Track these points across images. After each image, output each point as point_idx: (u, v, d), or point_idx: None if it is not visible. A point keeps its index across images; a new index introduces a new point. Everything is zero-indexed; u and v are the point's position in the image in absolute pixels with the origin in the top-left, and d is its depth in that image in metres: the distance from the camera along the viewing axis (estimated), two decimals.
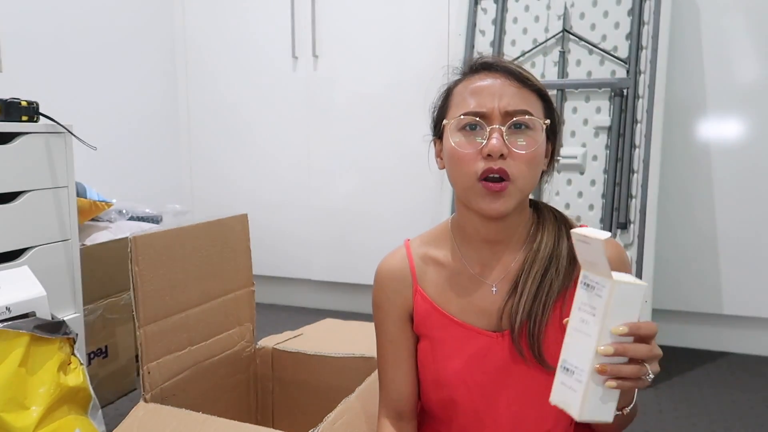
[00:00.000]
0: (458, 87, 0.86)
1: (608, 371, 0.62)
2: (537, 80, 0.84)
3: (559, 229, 0.87)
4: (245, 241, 1.38)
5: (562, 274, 0.83)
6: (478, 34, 2.23)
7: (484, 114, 0.80)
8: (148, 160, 2.78)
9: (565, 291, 0.83)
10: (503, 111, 0.80)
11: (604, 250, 0.61)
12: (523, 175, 0.80)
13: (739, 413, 1.76)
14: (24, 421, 1.01)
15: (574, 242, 0.65)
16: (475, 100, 0.81)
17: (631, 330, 0.62)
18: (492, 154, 0.78)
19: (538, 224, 0.88)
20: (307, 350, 1.37)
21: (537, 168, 0.83)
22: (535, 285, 0.83)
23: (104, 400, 1.77)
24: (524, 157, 0.79)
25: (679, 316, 2.27)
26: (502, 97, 0.80)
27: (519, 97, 0.81)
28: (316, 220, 2.73)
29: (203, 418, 1.05)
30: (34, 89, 1.77)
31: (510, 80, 0.81)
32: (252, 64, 2.77)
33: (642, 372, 0.64)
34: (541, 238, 0.86)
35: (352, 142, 2.63)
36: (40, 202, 1.43)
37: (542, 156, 0.83)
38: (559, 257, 0.84)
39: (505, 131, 0.79)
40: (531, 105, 0.82)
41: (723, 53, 2.11)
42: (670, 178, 2.18)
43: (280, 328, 1.61)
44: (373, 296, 0.94)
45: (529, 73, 0.84)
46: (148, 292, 1.15)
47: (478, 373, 0.85)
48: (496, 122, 0.80)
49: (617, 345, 0.62)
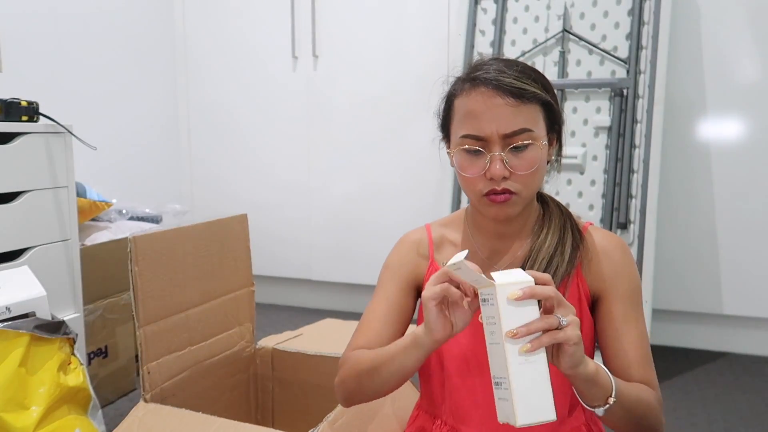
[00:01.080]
0: (458, 100, 0.86)
1: (519, 333, 0.66)
2: (535, 87, 0.83)
3: (564, 222, 0.91)
4: (245, 241, 1.38)
5: (566, 261, 0.87)
6: (478, 34, 2.23)
7: (483, 138, 0.82)
8: (148, 160, 2.78)
9: (567, 278, 0.87)
10: (501, 134, 0.81)
11: (469, 265, 0.68)
12: (527, 188, 0.84)
13: (739, 413, 1.76)
14: (24, 421, 1.01)
15: (454, 273, 0.71)
16: (473, 123, 0.83)
17: (528, 327, 0.67)
18: (494, 178, 0.82)
19: (544, 216, 0.92)
20: (307, 350, 1.38)
21: (540, 176, 0.86)
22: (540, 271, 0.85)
23: (104, 400, 1.77)
24: (526, 176, 0.83)
25: (679, 316, 2.27)
26: (499, 120, 0.81)
27: (516, 116, 0.81)
28: (316, 220, 2.73)
29: (203, 418, 1.05)
30: (34, 89, 1.77)
31: (505, 98, 0.81)
32: (252, 64, 2.77)
33: (551, 323, 0.67)
34: (547, 230, 0.90)
35: (352, 141, 2.63)
36: (40, 202, 1.43)
37: (544, 165, 0.86)
38: (564, 247, 0.88)
39: (506, 155, 0.82)
40: (530, 120, 0.82)
41: (723, 53, 2.11)
42: (670, 178, 2.18)
43: (280, 328, 1.61)
44: (388, 259, 0.98)
45: (527, 81, 0.83)
46: (148, 292, 1.15)
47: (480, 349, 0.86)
48: (496, 148, 0.82)
49: (522, 328, 0.66)
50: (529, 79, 0.83)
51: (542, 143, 0.84)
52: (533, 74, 0.85)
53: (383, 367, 0.83)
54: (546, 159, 0.87)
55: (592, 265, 0.89)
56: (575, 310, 0.71)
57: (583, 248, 0.89)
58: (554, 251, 0.87)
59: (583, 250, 0.89)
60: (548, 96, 0.85)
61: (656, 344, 2.27)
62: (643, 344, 0.86)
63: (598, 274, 0.89)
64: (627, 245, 0.94)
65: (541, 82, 0.85)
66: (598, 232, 0.92)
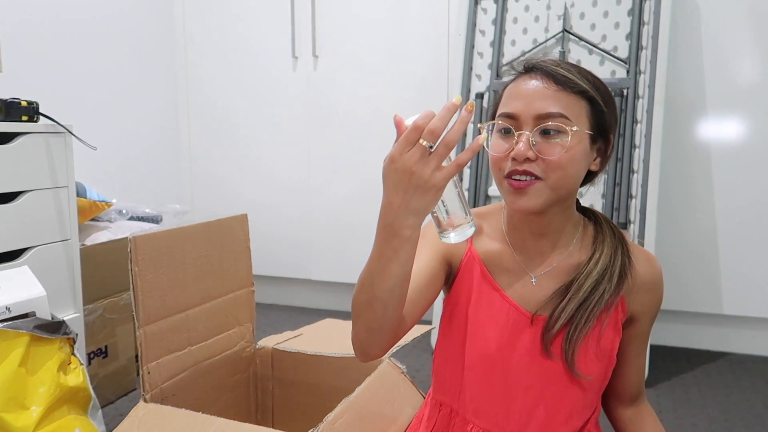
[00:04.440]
0: (507, 88, 0.86)
1: None
2: (582, 81, 0.82)
3: (616, 247, 0.88)
4: (245, 242, 1.38)
5: (612, 288, 0.85)
6: (478, 34, 2.23)
7: (515, 117, 0.81)
8: (148, 160, 2.78)
9: (608, 307, 0.86)
10: (534, 115, 0.80)
11: None
12: (553, 176, 0.80)
13: (739, 413, 1.76)
14: (24, 421, 1.01)
15: None
16: (511, 103, 0.82)
17: None
18: (516, 158, 0.79)
19: (597, 238, 0.89)
20: (307, 350, 1.38)
21: (571, 169, 0.81)
22: (585, 294, 0.84)
23: (104, 400, 1.77)
24: (552, 162, 0.79)
25: (680, 316, 2.27)
26: (534, 100, 0.80)
27: (553, 101, 0.80)
28: (316, 220, 2.73)
29: (203, 418, 1.05)
30: (34, 89, 1.77)
31: (548, 83, 0.81)
32: (252, 64, 2.77)
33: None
34: (600, 254, 0.87)
35: (352, 141, 2.63)
36: (40, 202, 1.43)
37: (578, 159, 0.82)
38: (613, 273, 0.86)
39: (534, 136, 0.80)
40: (569, 108, 0.80)
41: (723, 53, 2.11)
42: (670, 178, 2.18)
43: (280, 328, 1.61)
44: (424, 229, 0.89)
45: (576, 73, 0.82)
46: (148, 292, 1.14)
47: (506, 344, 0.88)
48: (526, 127, 0.80)
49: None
50: (580, 75, 0.82)
51: (580, 136, 0.81)
52: (590, 76, 0.83)
53: (382, 286, 0.72)
54: (584, 158, 0.82)
55: (634, 291, 0.88)
56: None
57: (631, 275, 0.87)
58: (602, 279, 0.85)
59: (630, 277, 0.87)
60: (598, 96, 0.83)
61: (656, 344, 2.27)
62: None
63: (639, 302, 0.90)
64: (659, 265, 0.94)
65: (596, 85, 0.83)
66: (640, 253, 0.90)
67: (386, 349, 0.81)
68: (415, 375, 1.98)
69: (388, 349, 0.81)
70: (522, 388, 0.88)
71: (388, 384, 1.19)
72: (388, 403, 1.16)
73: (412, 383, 1.24)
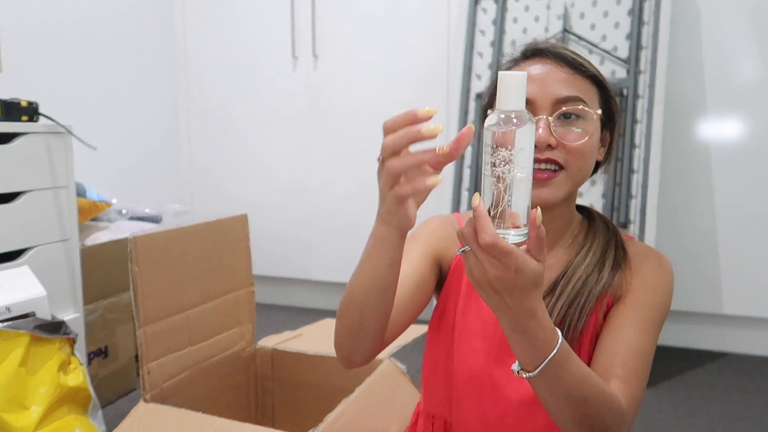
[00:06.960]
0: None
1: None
2: (592, 66, 0.79)
3: (608, 240, 0.83)
4: (245, 241, 1.38)
5: (602, 282, 0.79)
6: (478, 34, 2.23)
7: (530, 102, 0.75)
8: (148, 161, 2.78)
9: (601, 299, 0.79)
10: (552, 99, 0.75)
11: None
12: (576, 164, 0.76)
13: (739, 413, 1.76)
14: (24, 421, 1.01)
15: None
16: None
17: None
18: (538, 145, 0.74)
19: (588, 233, 0.85)
20: (307, 350, 1.38)
21: (590, 158, 0.78)
22: (575, 290, 0.79)
23: (104, 400, 1.77)
24: (574, 148, 0.75)
25: (680, 316, 2.27)
26: (551, 84, 0.76)
27: (570, 84, 0.76)
28: (316, 220, 2.73)
29: (203, 418, 1.05)
30: (34, 89, 1.76)
31: (561, 66, 0.77)
32: (252, 64, 2.77)
33: None
34: (588, 248, 0.82)
35: (352, 141, 2.62)
36: (40, 202, 1.43)
37: (596, 146, 0.79)
38: (603, 266, 0.80)
39: (554, 121, 0.75)
40: (584, 92, 0.77)
41: (723, 53, 2.11)
42: (670, 178, 2.18)
43: (280, 328, 1.61)
44: (414, 231, 0.87)
45: (585, 59, 0.79)
46: (148, 292, 1.14)
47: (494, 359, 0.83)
48: (544, 112, 0.75)
49: None
50: (586, 61, 0.80)
51: (596, 123, 0.77)
52: (590, 62, 0.81)
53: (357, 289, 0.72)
54: (597, 146, 0.79)
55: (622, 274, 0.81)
56: None
57: (624, 267, 0.81)
58: (592, 271, 0.79)
59: (624, 268, 0.81)
60: (606, 82, 0.81)
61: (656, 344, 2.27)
62: (639, 355, 0.76)
63: (625, 282, 0.81)
64: (668, 262, 0.86)
65: (598, 71, 0.81)
66: (639, 246, 0.85)
67: (370, 357, 0.78)
68: (415, 375, 1.97)
69: (372, 357, 0.79)
70: (514, 405, 0.82)
71: (388, 384, 1.20)
72: (388, 403, 1.16)
73: (412, 383, 1.24)
